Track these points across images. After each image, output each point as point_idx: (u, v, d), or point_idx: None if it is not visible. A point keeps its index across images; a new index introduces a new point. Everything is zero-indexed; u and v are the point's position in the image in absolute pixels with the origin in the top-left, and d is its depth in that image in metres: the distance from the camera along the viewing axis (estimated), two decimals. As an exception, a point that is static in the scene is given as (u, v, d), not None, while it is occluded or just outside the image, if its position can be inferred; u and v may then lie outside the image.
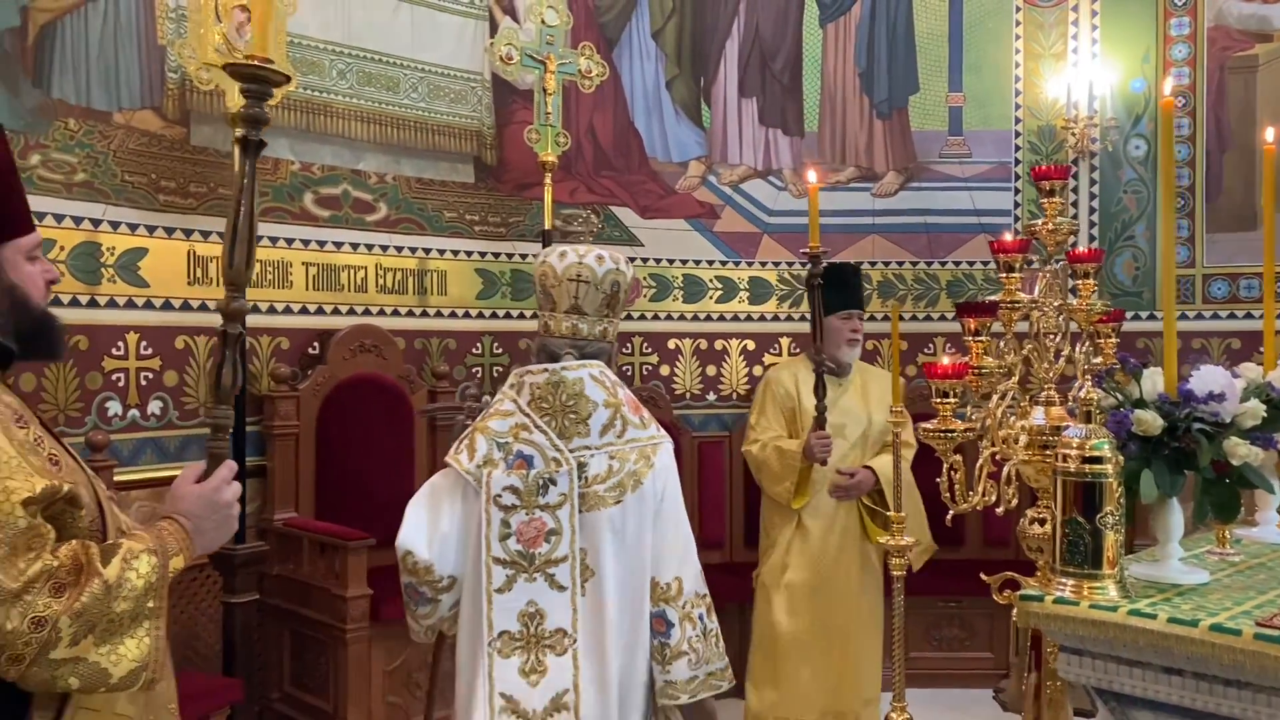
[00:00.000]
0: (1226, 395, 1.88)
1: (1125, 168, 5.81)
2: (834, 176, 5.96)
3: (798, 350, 5.69)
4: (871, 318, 5.96)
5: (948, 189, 5.96)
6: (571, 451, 2.40)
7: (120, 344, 4.00)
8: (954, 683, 5.27)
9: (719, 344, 5.78)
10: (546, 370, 2.46)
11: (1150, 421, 1.91)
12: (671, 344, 5.74)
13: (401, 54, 4.97)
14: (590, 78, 5.00)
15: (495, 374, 5.27)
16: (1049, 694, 2.44)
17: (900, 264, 5.97)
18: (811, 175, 3.76)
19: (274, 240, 4.52)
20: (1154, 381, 1.99)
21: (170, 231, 4.17)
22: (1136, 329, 5.49)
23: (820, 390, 3.85)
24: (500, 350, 5.28)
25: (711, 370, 5.78)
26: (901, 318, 5.93)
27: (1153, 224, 5.77)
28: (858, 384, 4.36)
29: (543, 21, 4.87)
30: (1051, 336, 2.44)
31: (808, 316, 4.23)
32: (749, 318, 5.86)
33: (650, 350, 5.69)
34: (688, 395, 5.73)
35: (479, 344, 5.25)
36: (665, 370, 5.72)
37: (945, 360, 2.14)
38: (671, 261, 5.75)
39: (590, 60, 4.99)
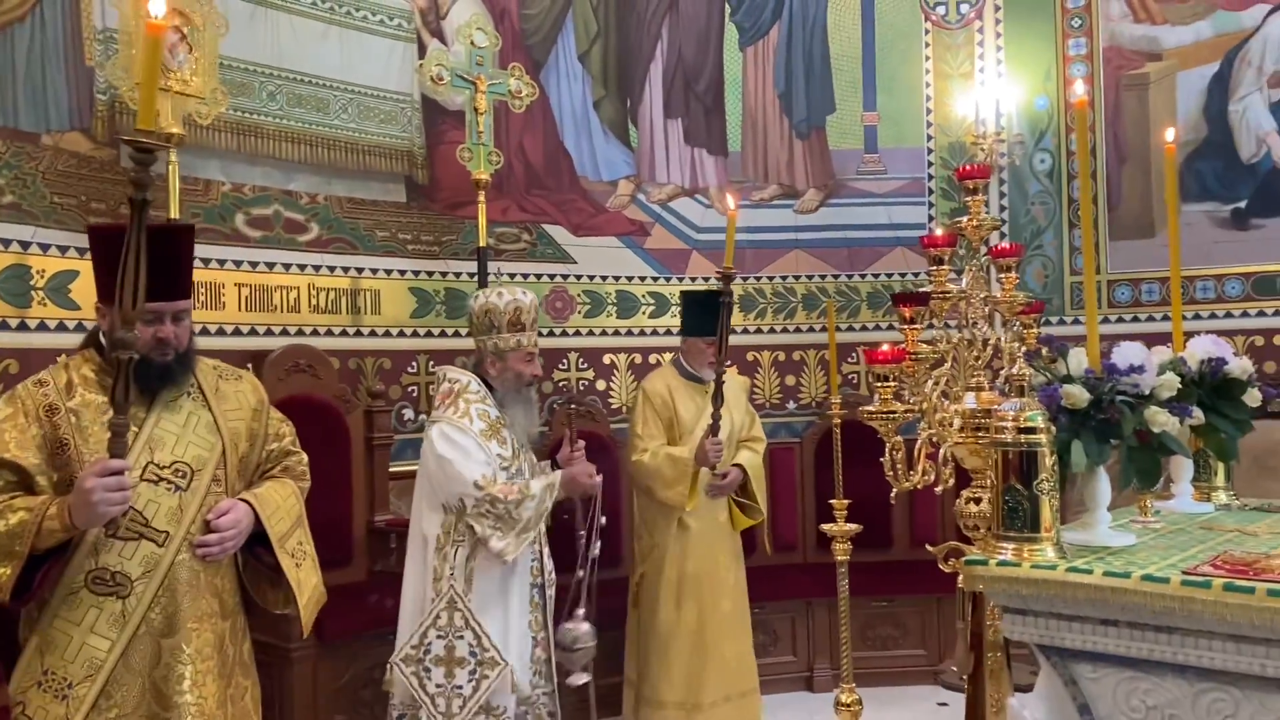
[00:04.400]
0: (1145, 367, 2.04)
1: (1032, 181, 6.11)
2: (757, 194, 6.14)
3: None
4: (798, 329, 6.16)
5: (865, 204, 6.18)
6: None
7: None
8: (889, 680, 5.42)
9: (653, 358, 5.88)
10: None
11: (1077, 395, 2.06)
12: (607, 359, 5.83)
13: (331, 76, 5.00)
14: (520, 98, 5.10)
15: (431, 393, 5.28)
16: (989, 666, 2.56)
17: (823, 277, 6.16)
18: (730, 201, 4.04)
19: (206, 261, 4.49)
20: (1079, 359, 2.15)
21: (101, 254, 4.12)
22: (1049, 333, 5.75)
23: (718, 399, 4.12)
24: (436, 369, 5.30)
25: (645, 384, 5.87)
26: (825, 329, 6.12)
27: (1059, 233, 6.07)
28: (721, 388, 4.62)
29: (472, 43, 4.95)
30: (979, 326, 2.59)
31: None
32: (679, 332, 5.96)
33: (586, 365, 5.77)
34: (623, 409, 5.81)
35: (414, 363, 5.26)
36: (601, 385, 5.80)
37: (885, 347, 2.27)
38: (605, 278, 5.85)
39: (520, 80, 5.09)
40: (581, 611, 3.57)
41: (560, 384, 5.56)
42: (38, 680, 2.31)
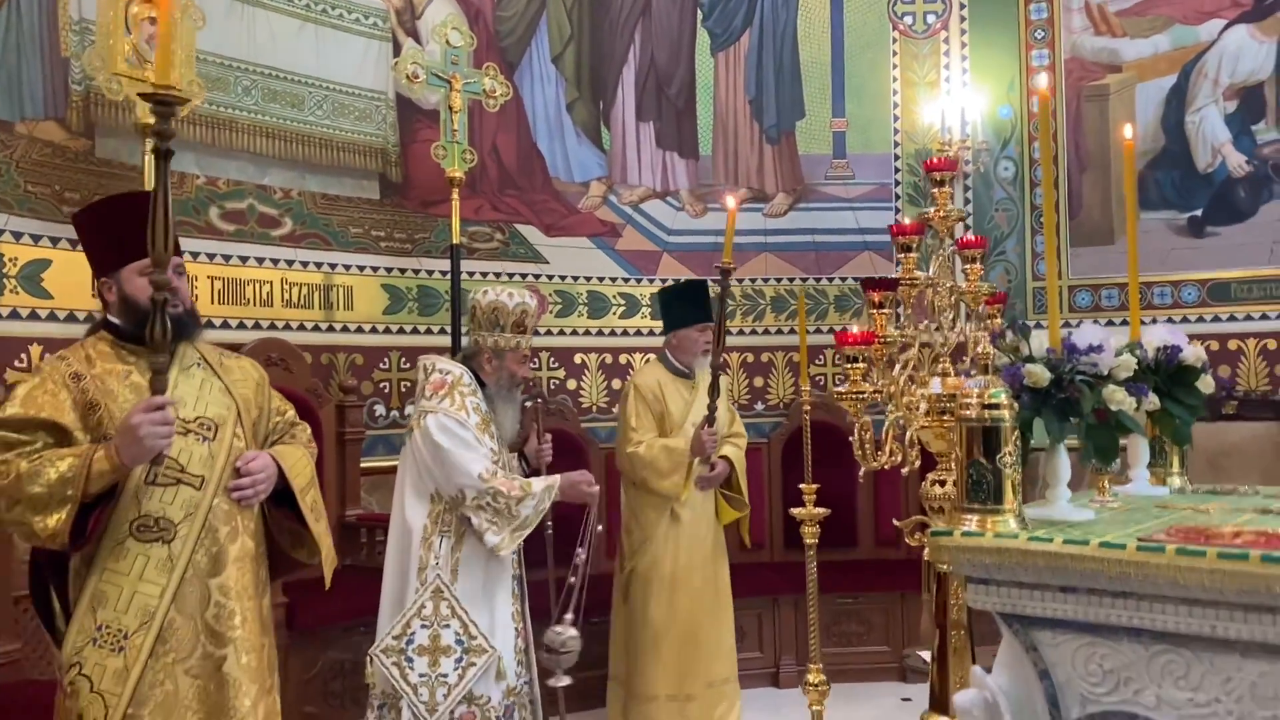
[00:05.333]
0: (1104, 347, 2.12)
1: (995, 187, 6.24)
2: (728, 197, 6.22)
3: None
4: (766, 331, 6.25)
5: (834, 209, 6.29)
6: None
7: (24, 355, 3.93)
8: (854, 677, 5.48)
9: (623, 358, 5.94)
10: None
11: (1039, 374, 2.14)
12: (578, 358, 5.87)
13: (306, 72, 5.03)
14: (495, 97, 5.15)
15: (403, 389, 5.31)
16: (953, 643, 2.63)
17: (791, 280, 6.26)
18: (730, 201, 4.15)
19: (179, 253, 4.49)
20: (1041, 340, 2.23)
21: (75, 244, 4.09)
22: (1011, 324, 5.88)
23: (715, 390, 4.17)
24: (408, 365, 5.32)
25: (617, 383, 5.92)
26: (794, 331, 6.21)
27: (1022, 239, 6.21)
28: (702, 385, 4.63)
29: (447, 42, 5.00)
30: (946, 313, 2.67)
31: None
32: (652, 333, 6.02)
33: (557, 365, 5.81)
34: (594, 409, 5.86)
35: (386, 359, 5.29)
36: (572, 384, 5.85)
37: (855, 329, 2.34)
38: (576, 278, 5.91)
39: (494, 80, 5.14)
40: (570, 617, 3.58)
41: (530, 383, 5.59)
42: (92, 637, 2.36)
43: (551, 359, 5.81)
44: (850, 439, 5.82)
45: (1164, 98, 5.99)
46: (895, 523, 2.77)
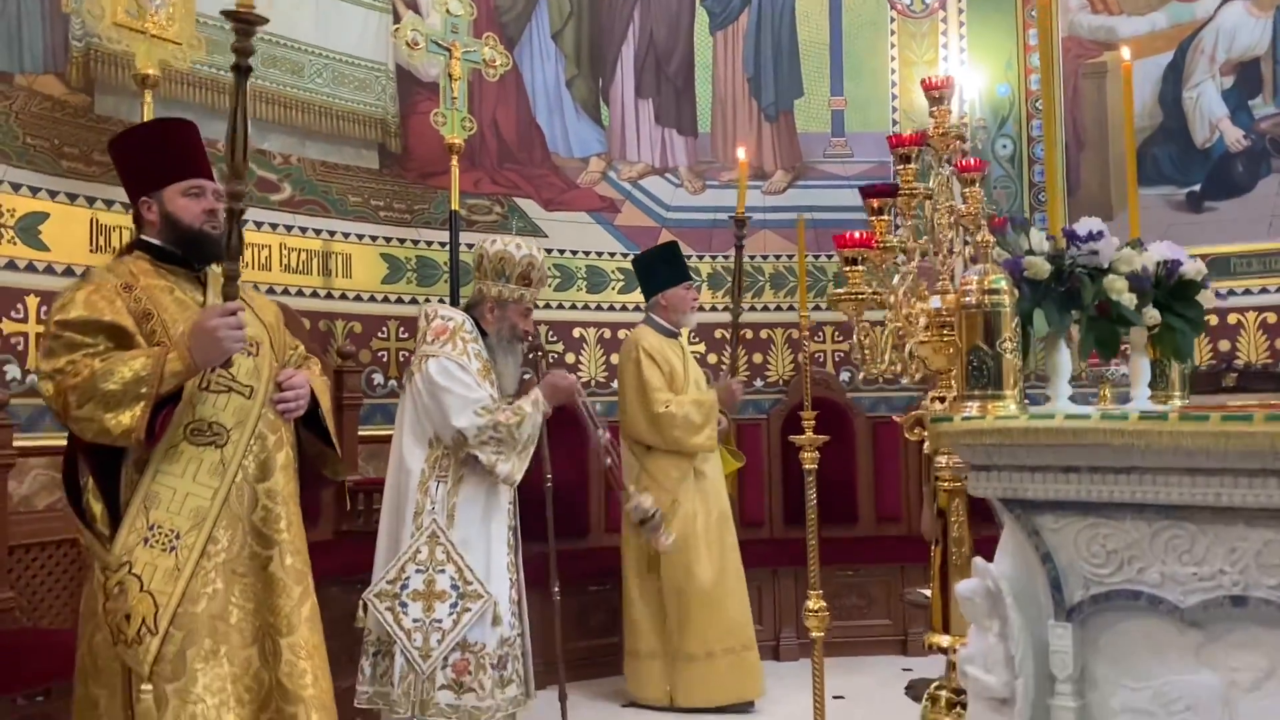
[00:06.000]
0: (1105, 234, 2.11)
1: (994, 166, 6.25)
2: (726, 175, 6.24)
3: (697, 339, 5.89)
4: (765, 308, 6.24)
5: (832, 187, 6.29)
6: None
7: (20, 306, 3.92)
8: (856, 650, 5.44)
9: (621, 333, 5.91)
10: None
11: (1039, 265, 2.13)
12: (576, 333, 5.87)
13: (306, 40, 5.05)
14: (494, 67, 5.17)
15: (400, 359, 5.30)
16: (954, 560, 2.61)
17: (790, 257, 6.25)
18: (741, 152, 4.18)
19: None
20: (1040, 237, 2.22)
21: (73, 198, 4.13)
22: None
23: (735, 339, 4.43)
24: (406, 335, 5.31)
25: (615, 359, 5.90)
26: (794, 308, 6.21)
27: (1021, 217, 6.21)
28: (684, 346, 4.92)
29: (447, 10, 5.03)
30: (945, 233, 2.66)
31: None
32: (648, 309, 6.03)
33: (556, 338, 5.80)
34: (593, 383, 5.85)
35: (385, 328, 5.28)
36: (570, 358, 5.84)
37: (856, 234, 2.33)
38: (575, 253, 5.91)
39: (494, 50, 5.16)
40: (631, 488, 3.95)
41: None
42: (144, 537, 2.41)
43: (550, 333, 5.80)
44: (851, 415, 5.81)
45: (1161, 75, 6.01)
46: (894, 418, 2.74)
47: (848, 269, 2.38)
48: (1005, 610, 2.00)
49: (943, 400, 2.64)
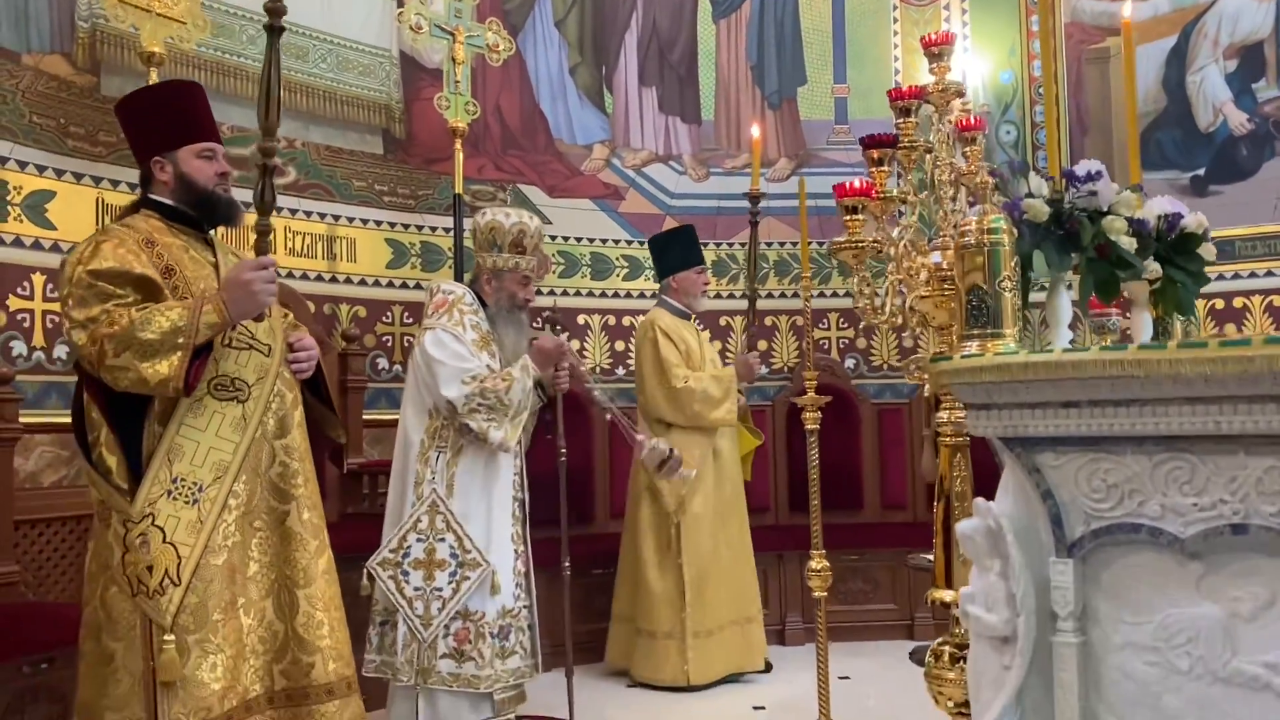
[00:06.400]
0: (1103, 174, 2.12)
1: (998, 151, 6.25)
2: (729, 162, 6.25)
3: (703, 328, 5.89)
4: (769, 295, 6.24)
5: (836, 174, 6.28)
6: None
7: (26, 284, 3.94)
8: (861, 635, 5.43)
9: (626, 320, 5.93)
10: None
11: (1038, 207, 2.14)
12: (581, 319, 5.87)
13: (310, 25, 5.07)
14: (498, 52, 5.19)
15: (405, 344, 5.31)
16: (956, 515, 2.60)
17: (794, 244, 6.26)
18: (755, 130, 4.28)
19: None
20: (1039, 181, 2.22)
21: (79, 177, 4.15)
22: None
23: (751, 315, 4.55)
24: (410, 320, 5.32)
25: (620, 345, 5.92)
26: (798, 295, 6.21)
27: (1025, 200, 6.21)
28: (696, 328, 5.01)
29: (451, -5, 5.06)
30: (946, 189, 2.66)
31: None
32: (655, 295, 6.02)
33: (560, 326, 5.79)
34: (598, 370, 5.85)
35: (389, 313, 5.29)
36: (575, 345, 5.84)
37: (856, 183, 2.34)
38: (579, 240, 5.92)
39: (497, 35, 5.19)
40: (642, 435, 4.03)
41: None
42: (167, 489, 2.45)
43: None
44: (856, 401, 5.80)
45: (1164, 59, 6.01)
46: (898, 363, 2.73)
47: (847, 218, 2.38)
48: (1006, 548, 2.00)
49: (948, 359, 2.63)
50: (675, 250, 4.81)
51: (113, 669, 2.45)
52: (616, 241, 6.01)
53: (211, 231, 2.76)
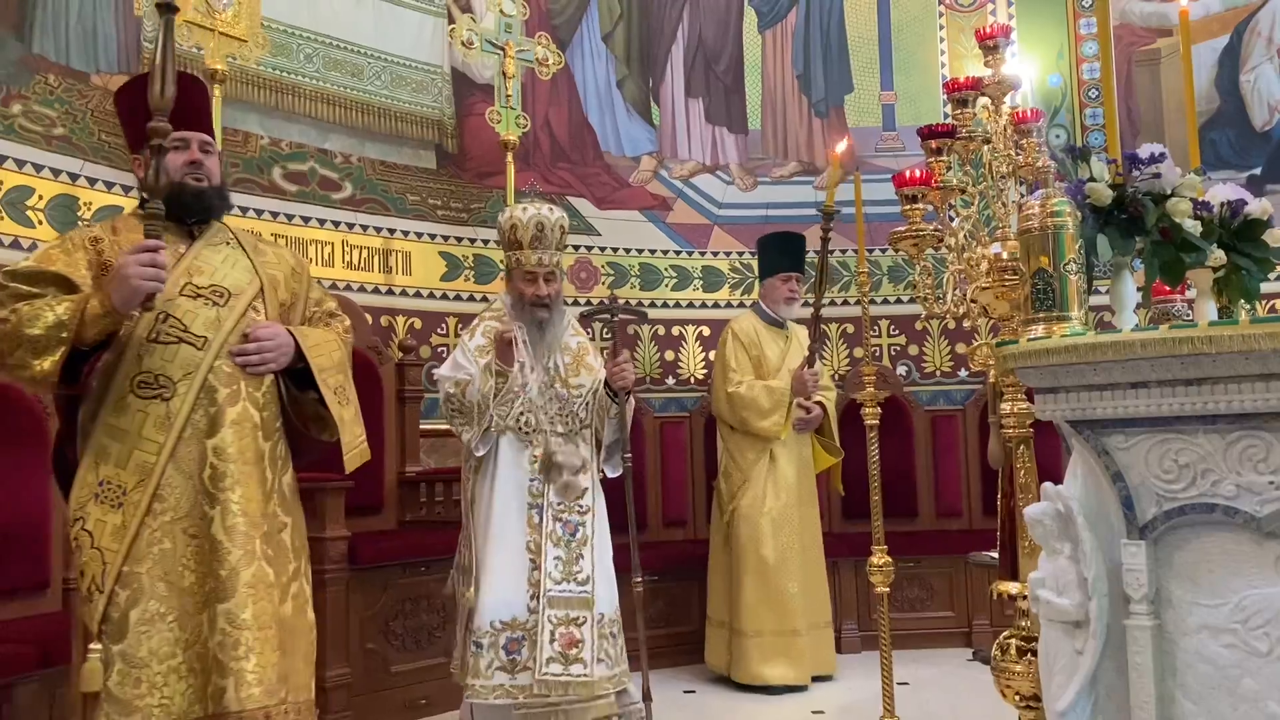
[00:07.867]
0: (1166, 156, 2.11)
1: (1048, 155, 6.20)
2: (777, 171, 6.27)
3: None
4: (831, 303, 6.23)
5: (885, 181, 6.25)
6: None
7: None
8: (918, 643, 5.37)
9: (676, 330, 5.96)
10: None
11: (1101, 191, 2.13)
12: (631, 330, 5.90)
13: (365, 43, 5.19)
14: (547, 65, 5.27)
15: (460, 355, 5.37)
16: (1020, 507, 2.58)
17: (844, 251, 6.25)
18: (841, 145, 4.07)
19: (244, 210, 4.62)
20: (1101, 165, 2.22)
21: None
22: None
23: (815, 332, 4.40)
24: (464, 331, 5.38)
25: (670, 355, 5.95)
26: (847, 302, 6.20)
27: (1077, 204, 6.16)
28: (795, 337, 4.94)
29: (501, 11, 5.14)
30: (1005, 180, 2.66)
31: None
32: (704, 305, 6.06)
33: (610, 336, 5.83)
34: (648, 379, 5.88)
35: (444, 324, 5.36)
36: (625, 354, 5.86)
37: (917, 172, 2.35)
38: (628, 251, 5.96)
39: (547, 49, 5.26)
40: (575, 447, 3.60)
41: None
42: (95, 492, 2.34)
43: (604, 330, 5.83)
44: (910, 409, 5.77)
45: (1217, 59, 5.95)
46: (963, 349, 2.73)
47: (907, 208, 2.39)
48: (1077, 531, 1.98)
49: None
50: (765, 255, 4.95)
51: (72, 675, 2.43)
52: (665, 252, 6.04)
53: (204, 222, 2.58)
